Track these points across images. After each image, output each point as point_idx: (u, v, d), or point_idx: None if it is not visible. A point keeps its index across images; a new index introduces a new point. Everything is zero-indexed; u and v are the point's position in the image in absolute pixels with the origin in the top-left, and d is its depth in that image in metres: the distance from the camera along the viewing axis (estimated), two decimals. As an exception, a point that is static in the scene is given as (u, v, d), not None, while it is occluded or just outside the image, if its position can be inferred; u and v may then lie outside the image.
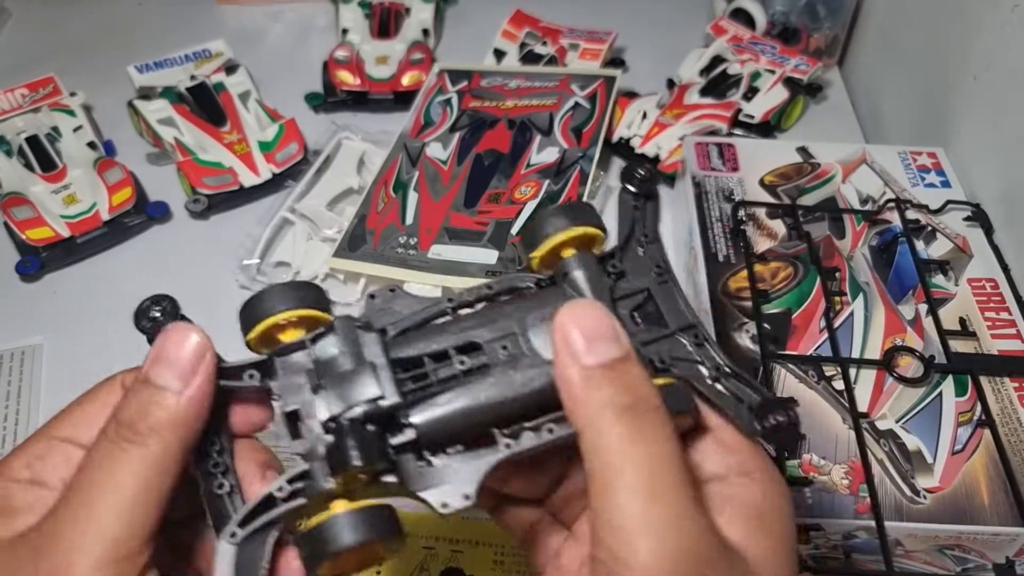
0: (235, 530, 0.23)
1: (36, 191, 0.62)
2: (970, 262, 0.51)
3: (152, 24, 0.86)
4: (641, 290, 0.29)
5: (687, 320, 0.28)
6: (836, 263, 0.51)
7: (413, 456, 0.25)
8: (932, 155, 0.59)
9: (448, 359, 0.26)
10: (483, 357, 0.26)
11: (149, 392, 0.24)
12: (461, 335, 0.27)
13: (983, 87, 0.58)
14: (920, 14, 0.68)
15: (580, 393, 0.23)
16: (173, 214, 0.65)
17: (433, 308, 0.28)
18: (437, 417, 0.25)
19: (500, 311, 0.27)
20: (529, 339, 0.27)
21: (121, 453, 0.23)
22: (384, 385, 0.25)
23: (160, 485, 0.23)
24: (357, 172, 0.66)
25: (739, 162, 0.58)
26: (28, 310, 0.59)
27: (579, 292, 0.28)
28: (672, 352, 0.28)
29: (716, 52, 0.74)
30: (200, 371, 0.24)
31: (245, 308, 0.26)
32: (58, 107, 0.68)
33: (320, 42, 0.81)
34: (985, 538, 0.40)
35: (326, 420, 0.25)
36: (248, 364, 0.26)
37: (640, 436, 0.22)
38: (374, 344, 0.26)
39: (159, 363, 0.24)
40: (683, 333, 0.28)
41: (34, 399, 0.53)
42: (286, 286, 0.26)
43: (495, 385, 0.26)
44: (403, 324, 0.27)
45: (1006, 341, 0.47)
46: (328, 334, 0.26)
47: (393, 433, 0.25)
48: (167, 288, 0.66)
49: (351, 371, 0.25)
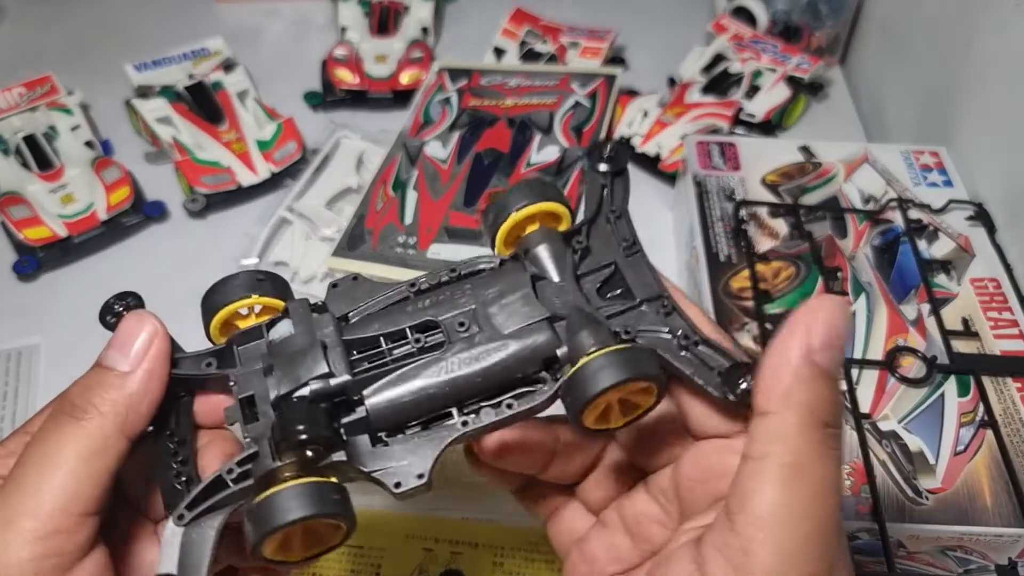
0: (183, 512, 0.23)
1: (33, 190, 0.62)
2: (972, 262, 0.51)
3: (150, 22, 0.86)
4: (607, 264, 0.28)
5: (654, 291, 0.28)
6: (838, 263, 0.51)
7: (368, 437, 0.25)
8: (934, 154, 0.59)
9: (404, 339, 0.26)
10: (440, 335, 0.26)
11: (98, 372, 0.25)
12: (418, 315, 0.26)
13: (986, 86, 0.58)
14: (922, 12, 0.68)
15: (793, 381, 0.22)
16: (171, 213, 0.65)
17: (394, 293, 0.27)
18: (390, 396, 0.25)
19: (460, 290, 0.27)
20: (488, 315, 0.26)
21: (60, 428, 0.24)
22: (334, 362, 0.24)
23: (99, 464, 0.23)
24: (356, 171, 0.66)
25: (740, 161, 0.58)
26: (25, 310, 0.59)
27: (540, 267, 0.27)
28: (639, 323, 0.27)
29: (717, 50, 0.74)
30: (150, 354, 0.25)
31: (205, 299, 0.27)
32: (55, 106, 0.68)
33: (319, 40, 0.80)
34: (987, 539, 0.40)
35: (275, 399, 0.24)
36: (205, 352, 0.27)
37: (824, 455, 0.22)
38: (327, 325, 0.26)
39: (111, 346, 0.25)
40: (650, 304, 0.27)
41: (31, 399, 0.53)
42: (247, 274, 0.27)
43: (452, 362, 0.25)
44: (365, 310, 0.27)
45: (1009, 341, 0.47)
46: (283, 318, 0.26)
47: (345, 413, 0.25)
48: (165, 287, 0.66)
49: (301, 350, 0.25)
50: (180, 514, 0.23)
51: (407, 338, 0.26)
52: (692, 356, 0.26)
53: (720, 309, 0.48)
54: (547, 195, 0.28)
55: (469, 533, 0.45)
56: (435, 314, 0.26)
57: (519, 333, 0.26)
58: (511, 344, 0.25)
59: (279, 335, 0.26)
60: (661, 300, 0.27)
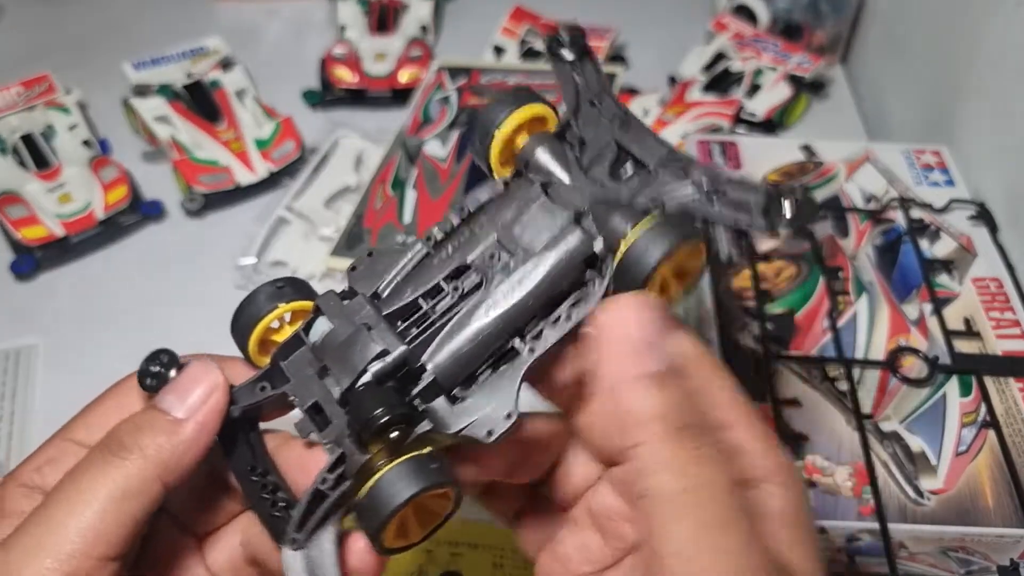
0: (295, 536, 0.23)
1: (31, 190, 0.61)
2: (974, 261, 0.51)
3: (148, 21, 0.85)
4: (607, 144, 0.27)
5: (663, 152, 0.27)
6: (840, 262, 0.51)
7: (443, 400, 0.24)
8: (936, 153, 0.59)
9: (440, 291, 0.25)
10: (474, 275, 0.25)
11: (150, 414, 0.24)
12: (446, 264, 0.26)
13: (988, 85, 0.58)
14: (924, 11, 0.68)
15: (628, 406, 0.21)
16: (169, 213, 0.65)
17: (413, 255, 0.27)
18: (449, 351, 0.24)
19: (477, 225, 0.26)
20: (514, 238, 0.26)
21: (99, 466, 0.23)
22: (384, 339, 0.24)
23: (130, 507, 0.23)
24: (355, 170, 0.66)
25: (742, 160, 0.58)
26: (23, 310, 0.59)
27: (546, 173, 0.27)
28: (661, 190, 0.26)
29: (718, 49, 0.73)
30: (207, 405, 0.24)
31: (234, 325, 0.26)
32: (53, 105, 0.67)
33: (317, 39, 0.80)
34: (989, 540, 0.40)
35: (340, 396, 0.24)
36: (256, 378, 0.26)
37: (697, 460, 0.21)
38: (362, 307, 0.25)
39: (170, 391, 0.24)
40: (664, 167, 0.27)
41: (29, 400, 0.53)
42: (266, 287, 0.26)
43: (496, 297, 0.25)
44: (392, 281, 0.26)
45: (1011, 341, 0.46)
46: (316, 317, 0.25)
47: (413, 383, 0.24)
48: (163, 287, 0.65)
49: (347, 340, 0.24)
50: (292, 538, 0.23)
51: (444, 290, 0.25)
52: (724, 204, 0.26)
53: (722, 309, 0.48)
54: (524, 100, 0.27)
55: (469, 534, 0.45)
56: (462, 257, 0.26)
57: (551, 244, 0.25)
58: (547, 257, 0.25)
59: (319, 334, 0.25)
60: (674, 159, 0.26)
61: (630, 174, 0.27)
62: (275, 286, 0.26)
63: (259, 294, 0.26)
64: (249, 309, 0.26)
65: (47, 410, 0.53)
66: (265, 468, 0.26)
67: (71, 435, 0.26)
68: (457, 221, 0.27)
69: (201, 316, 0.60)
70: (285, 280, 0.26)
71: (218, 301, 0.57)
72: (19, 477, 0.25)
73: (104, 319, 0.57)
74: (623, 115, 0.28)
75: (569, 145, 0.27)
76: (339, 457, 0.24)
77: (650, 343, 0.22)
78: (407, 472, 0.22)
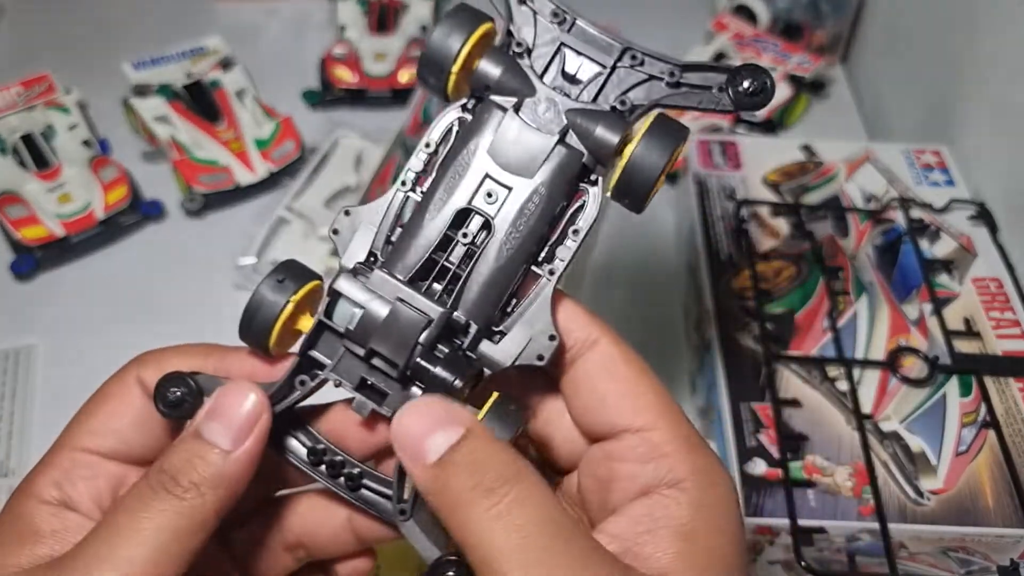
0: (402, 507, 0.25)
1: (30, 190, 0.61)
2: (974, 261, 0.51)
3: (148, 21, 0.85)
4: (553, 47, 0.27)
5: (615, 46, 0.27)
6: (840, 262, 0.51)
7: (487, 340, 0.26)
8: (936, 153, 0.59)
9: (451, 242, 0.26)
10: (478, 218, 0.26)
11: (198, 446, 0.23)
12: (444, 212, 0.26)
13: (988, 84, 0.58)
14: (924, 11, 0.68)
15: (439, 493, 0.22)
16: (168, 213, 0.65)
17: (395, 204, 0.27)
18: (479, 296, 0.26)
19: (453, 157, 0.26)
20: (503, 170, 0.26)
21: (155, 503, 0.23)
22: (422, 307, 0.25)
23: (188, 543, 0.23)
24: (354, 170, 0.66)
25: (741, 160, 0.58)
26: (22, 310, 0.58)
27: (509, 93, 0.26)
28: (625, 85, 0.27)
29: (718, 49, 0.73)
30: (254, 433, 0.24)
31: (247, 329, 0.26)
32: (53, 105, 0.67)
33: (317, 39, 0.80)
34: (989, 540, 0.40)
35: (399, 373, 0.25)
36: (291, 375, 0.26)
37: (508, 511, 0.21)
38: (385, 281, 0.25)
39: (213, 418, 0.24)
40: (620, 62, 0.27)
41: (29, 400, 0.53)
42: (267, 287, 0.26)
43: (507, 233, 0.26)
44: (381, 235, 0.27)
45: (1011, 341, 0.46)
46: (337, 301, 0.26)
47: (459, 337, 0.26)
48: (163, 287, 0.65)
49: (385, 320, 0.25)
50: (401, 510, 0.25)
51: (453, 239, 0.26)
52: (688, 88, 0.26)
53: (721, 309, 0.48)
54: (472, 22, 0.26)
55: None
56: (458, 201, 0.26)
57: (544, 170, 0.26)
58: (543, 182, 0.26)
59: (345, 318, 0.25)
60: (629, 52, 0.27)
61: (586, 74, 0.27)
62: (276, 280, 0.26)
63: (264, 295, 0.26)
64: (261, 312, 0.26)
65: (47, 410, 0.53)
66: (331, 457, 0.26)
67: (78, 443, 0.26)
68: (425, 158, 0.27)
69: (201, 315, 0.60)
70: (281, 270, 0.26)
71: (218, 301, 0.58)
72: (35, 491, 0.25)
73: (104, 319, 0.57)
74: (561, 13, 0.27)
75: (517, 55, 0.27)
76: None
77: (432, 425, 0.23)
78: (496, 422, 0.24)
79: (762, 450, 0.42)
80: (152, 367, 0.27)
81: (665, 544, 0.22)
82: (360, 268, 0.26)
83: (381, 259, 0.27)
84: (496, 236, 0.26)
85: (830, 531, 0.40)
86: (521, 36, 0.27)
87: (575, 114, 0.26)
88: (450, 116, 0.27)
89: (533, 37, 0.27)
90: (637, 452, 0.24)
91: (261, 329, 0.26)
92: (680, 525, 0.23)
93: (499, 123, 0.26)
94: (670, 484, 0.24)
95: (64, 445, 0.26)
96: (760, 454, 0.41)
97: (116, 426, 0.26)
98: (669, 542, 0.22)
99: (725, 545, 0.23)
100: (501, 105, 0.26)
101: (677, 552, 0.22)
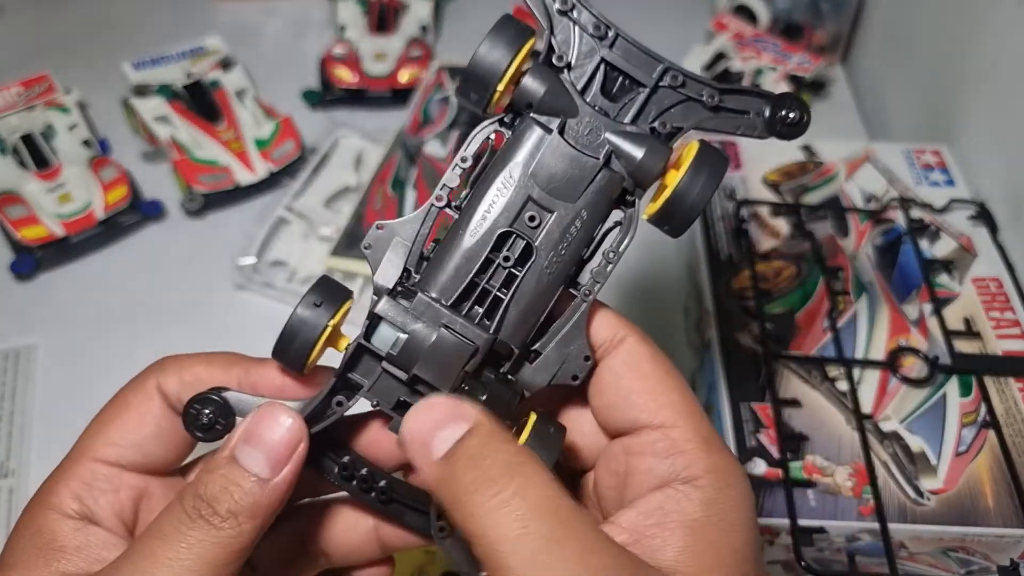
0: (441, 525, 0.26)
1: (30, 190, 0.61)
2: (974, 261, 0.51)
3: (147, 21, 0.85)
4: (594, 62, 0.26)
5: (655, 65, 0.26)
6: (840, 262, 0.51)
7: (527, 363, 0.26)
8: (936, 153, 0.59)
9: (491, 265, 0.26)
10: (520, 242, 0.26)
11: (236, 473, 0.23)
12: (485, 236, 0.25)
13: (989, 84, 0.58)
14: (924, 10, 0.68)
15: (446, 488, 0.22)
16: (168, 213, 0.65)
17: (429, 220, 0.27)
18: (520, 321, 0.26)
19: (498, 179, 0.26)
20: (551, 194, 0.26)
21: (192, 530, 0.22)
22: (468, 334, 0.25)
23: (224, 572, 0.22)
24: (355, 170, 0.66)
25: (741, 160, 0.58)
26: (23, 310, 0.58)
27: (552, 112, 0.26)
28: (661, 105, 0.26)
29: (718, 49, 0.73)
30: (292, 460, 0.24)
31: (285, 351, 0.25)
32: (53, 105, 0.67)
33: (317, 39, 0.80)
34: (989, 540, 0.40)
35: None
36: (327, 395, 0.26)
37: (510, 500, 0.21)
38: (428, 307, 0.25)
39: (250, 443, 0.23)
40: (662, 81, 0.26)
41: (29, 400, 0.53)
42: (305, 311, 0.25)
43: (548, 258, 0.26)
44: (416, 252, 0.26)
45: (1011, 341, 0.46)
46: (377, 325, 0.25)
47: (500, 362, 0.26)
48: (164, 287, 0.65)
49: (432, 346, 0.25)
50: (440, 527, 0.25)
51: (494, 262, 0.26)
52: (727, 112, 0.26)
53: (722, 309, 0.48)
54: (519, 38, 0.26)
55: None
56: (500, 224, 0.25)
57: (588, 193, 0.26)
58: (586, 206, 0.26)
59: (387, 342, 0.25)
60: (670, 71, 0.26)
61: (627, 93, 0.27)
62: (313, 303, 0.25)
63: (303, 318, 0.25)
64: (301, 335, 0.25)
65: (47, 410, 0.53)
66: (354, 463, 0.27)
67: (98, 454, 0.25)
68: (462, 172, 0.27)
69: (201, 315, 0.60)
70: (316, 291, 0.26)
71: (218, 300, 0.58)
72: (54, 503, 0.25)
73: (104, 319, 0.57)
74: (604, 28, 0.27)
75: (558, 71, 0.26)
76: None
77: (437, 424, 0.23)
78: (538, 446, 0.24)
79: (762, 450, 0.42)
80: (173, 375, 0.26)
81: (673, 538, 0.23)
82: (401, 290, 0.26)
83: (415, 276, 0.26)
84: (538, 261, 0.25)
85: (830, 531, 0.40)
86: (562, 50, 0.26)
87: (618, 136, 0.26)
88: (487, 131, 0.27)
89: (573, 51, 0.26)
90: (656, 447, 0.24)
91: (300, 352, 0.25)
92: (690, 520, 0.23)
93: (542, 143, 0.25)
94: (685, 480, 0.24)
95: (83, 455, 0.25)
96: (760, 454, 0.41)
97: (137, 438, 0.26)
98: (678, 536, 0.23)
99: (735, 544, 0.23)
100: (545, 125, 0.26)
101: (684, 546, 0.22)
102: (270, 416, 0.24)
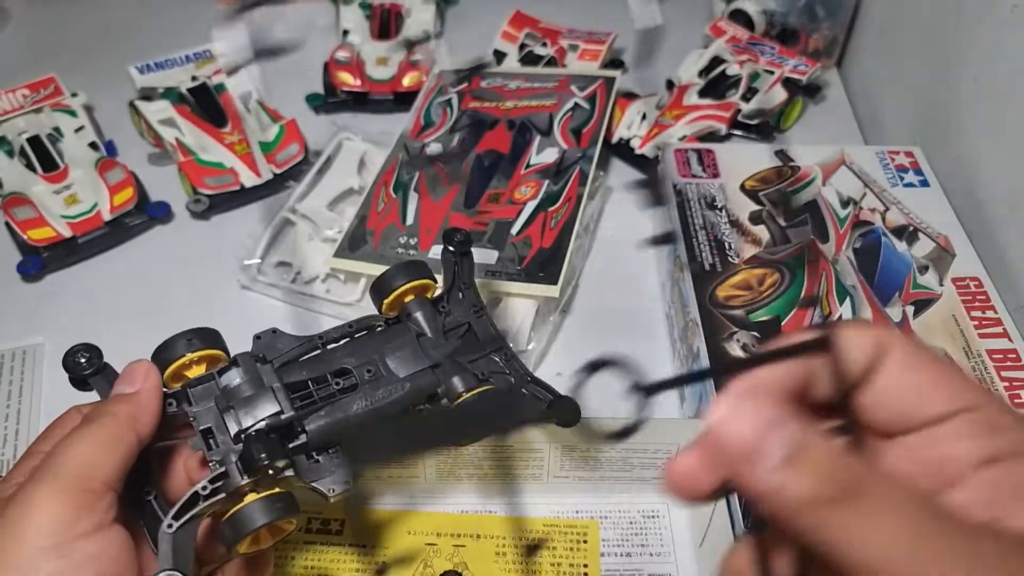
0: (171, 522, 0.30)
1: (37, 191, 0.62)
2: (953, 261, 0.52)
3: (153, 25, 0.86)
4: (463, 323, 0.40)
5: (497, 343, 0.40)
6: (822, 267, 0.51)
7: (304, 456, 0.34)
8: (909, 154, 0.59)
9: (326, 382, 0.35)
10: (352, 379, 0.35)
11: (112, 398, 0.33)
12: (334, 363, 0.36)
13: (983, 88, 0.59)
14: (919, 15, 0.68)
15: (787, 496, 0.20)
16: (174, 214, 0.66)
17: (308, 344, 0.37)
18: (321, 426, 0.34)
19: (363, 343, 0.37)
20: (387, 363, 0.36)
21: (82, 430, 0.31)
22: (282, 403, 0.33)
23: (114, 451, 0.30)
24: (358, 173, 0.67)
25: (719, 167, 0.58)
26: (29, 310, 0.59)
27: (419, 328, 0.38)
28: (489, 367, 0.39)
29: (715, 53, 0.74)
30: (147, 379, 0.33)
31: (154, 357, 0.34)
32: (59, 107, 0.68)
33: (320, 43, 0.81)
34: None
35: (237, 433, 0.32)
36: (168, 394, 0.34)
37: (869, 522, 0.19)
38: (270, 373, 0.34)
39: (119, 383, 0.33)
40: (496, 352, 0.39)
41: (35, 399, 0.54)
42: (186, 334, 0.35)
43: (363, 399, 0.35)
44: (285, 357, 0.36)
45: (994, 340, 0.47)
46: (231, 367, 0.34)
47: (289, 439, 0.33)
48: (169, 288, 0.66)
49: (255, 394, 0.33)
50: (168, 523, 0.30)
51: (328, 382, 0.35)
52: (527, 392, 0.38)
53: (707, 319, 0.48)
54: (419, 274, 0.39)
55: (470, 526, 0.46)
56: (348, 363, 0.36)
57: (411, 378, 0.36)
58: (406, 385, 0.36)
59: (230, 382, 0.34)
60: (503, 350, 0.40)
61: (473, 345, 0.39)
62: (187, 339, 0.34)
63: (177, 342, 0.34)
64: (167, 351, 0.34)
65: (52, 409, 0.53)
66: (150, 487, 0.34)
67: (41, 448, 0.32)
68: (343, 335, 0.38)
69: (206, 315, 0.61)
70: (196, 333, 0.35)
71: (223, 301, 0.59)
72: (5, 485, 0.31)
73: (110, 319, 0.58)
74: (479, 307, 0.41)
75: (439, 311, 0.40)
76: (220, 474, 0.31)
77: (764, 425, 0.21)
78: (268, 504, 0.31)
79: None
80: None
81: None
82: (261, 358, 0.35)
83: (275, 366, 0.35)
84: (356, 396, 0.35)
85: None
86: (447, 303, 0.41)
87: (448, 360, 0.37)
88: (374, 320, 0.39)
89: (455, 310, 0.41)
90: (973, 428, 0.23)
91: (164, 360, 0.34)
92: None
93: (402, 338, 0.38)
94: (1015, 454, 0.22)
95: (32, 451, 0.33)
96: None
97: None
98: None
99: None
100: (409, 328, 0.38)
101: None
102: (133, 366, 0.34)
